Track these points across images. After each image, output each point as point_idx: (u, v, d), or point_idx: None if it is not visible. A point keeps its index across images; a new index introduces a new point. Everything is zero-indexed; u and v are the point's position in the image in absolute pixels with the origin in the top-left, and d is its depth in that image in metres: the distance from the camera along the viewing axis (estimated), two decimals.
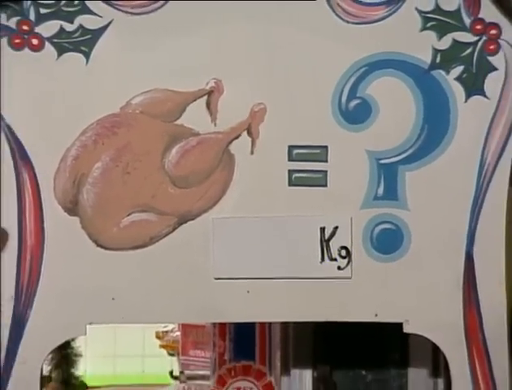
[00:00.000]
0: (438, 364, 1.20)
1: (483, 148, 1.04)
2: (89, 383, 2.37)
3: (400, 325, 1.07)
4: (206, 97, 1.04)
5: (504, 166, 1.04)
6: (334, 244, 1.06)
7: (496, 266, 1.05)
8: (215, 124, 1.06)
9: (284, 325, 1.32)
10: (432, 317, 1.05)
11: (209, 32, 1.03)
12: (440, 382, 1.21)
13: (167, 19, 1.02)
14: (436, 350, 1.14)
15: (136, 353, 3.42)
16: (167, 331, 2.47)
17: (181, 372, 2.14)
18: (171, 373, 2.44)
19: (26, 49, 1.02)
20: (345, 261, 1.06)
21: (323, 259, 1.06)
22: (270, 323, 1.38)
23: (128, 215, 1.04)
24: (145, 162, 1.03)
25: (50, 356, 1.59)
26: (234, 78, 1.05)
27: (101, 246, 1.03)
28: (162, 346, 2.52)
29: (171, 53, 1.04)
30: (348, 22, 1.04)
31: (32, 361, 1.01)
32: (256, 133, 1.05)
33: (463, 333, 1.05)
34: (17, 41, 1.01)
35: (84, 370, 2.33)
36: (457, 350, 1.05)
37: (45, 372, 2.02)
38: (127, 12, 1.01)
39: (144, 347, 3.25)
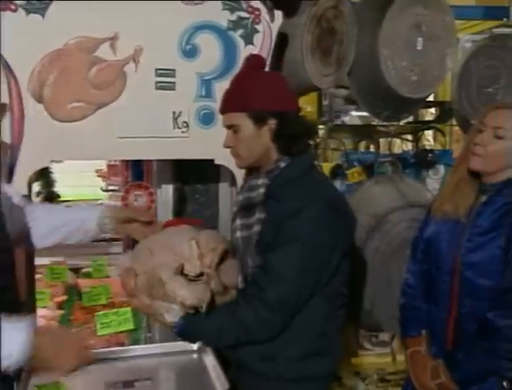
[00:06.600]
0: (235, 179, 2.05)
1: None
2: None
3: (213, 160, 1.95)
4: (110, 41, 1.81)
5: None
6: (180, 120, 1.89)
7: None
8: (116, 55, 1.82)
9: (161, 161, 2.17)
10: (230, 156, 1.78)
11: (111, 7, 1.80)
12: (234, 189, 2.17)
13: None
14: (231, 174, 2.03)
15: (86, 183, 4.93)
16: (101, 169, 3.56)
17: (107, 189, 3.29)
18: (101, 188, 3.53)
19: (8, 12, 1.71)
20: (186, 129, 1.91)
21: (174, 127, 1.89)
22: (151, 161, 2.27)
23: (70, 104, 1.81)
24: (77, 75, 1.80)
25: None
26: (124, 31, 1.81)
27: (56, 120, 1.80)
28: (98, 176, 3.62)
29: (90, 16, 1.78)
30: (186, 4, 1.87)
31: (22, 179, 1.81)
32: (137, 61, 1.84)
33: None
34: (3, 6, 1.71)
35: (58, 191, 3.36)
36: (240, 170, 1.93)
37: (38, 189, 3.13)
38: None
39: (87, 179, 4.75)
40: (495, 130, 1.57)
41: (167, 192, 2.16)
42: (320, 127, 2.68)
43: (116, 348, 1.86)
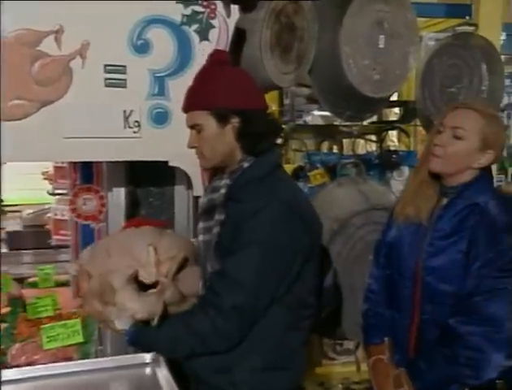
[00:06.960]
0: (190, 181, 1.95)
1: None
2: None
3: (167, 162, 1.84)
4: (54, 34, 1.67)
5: None
6: (131, 120, 1.77)
7: None
8: (61, 50, 1.69)
9: (112, 163, 2.01)
10: (185, 158, 1.78)
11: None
12: (191, 193, 2.06)
13: None
14: (188, 177, 1.91)
15: (32, 186, 4.72)
16: (47, 171, 3.39)
17: (55, 193, 3.18)
18: (48, 192, 3.38)
19: None
20: (138, 129, 1.78)
21: (125, 127, 1.77)
22: (103, 162, 2.09)
23: (10, 101, 1.67)
24: (18, 71, 1.66)
25: None
26: (70, 25, 1.68)
27: None
28: (44, 178, 3.45)
29: (32, 7, 1.65)
30: None
31: None
32: (85, 56, 1.71)
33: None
34: None
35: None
36: (196, 172, 1.87)
37: None
38: None
39: (34, 182, 4.47)
40: (454, 130, 1.52)
41: (118, 196, 2.04)
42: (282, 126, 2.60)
43: (64, 363, 1.75)
